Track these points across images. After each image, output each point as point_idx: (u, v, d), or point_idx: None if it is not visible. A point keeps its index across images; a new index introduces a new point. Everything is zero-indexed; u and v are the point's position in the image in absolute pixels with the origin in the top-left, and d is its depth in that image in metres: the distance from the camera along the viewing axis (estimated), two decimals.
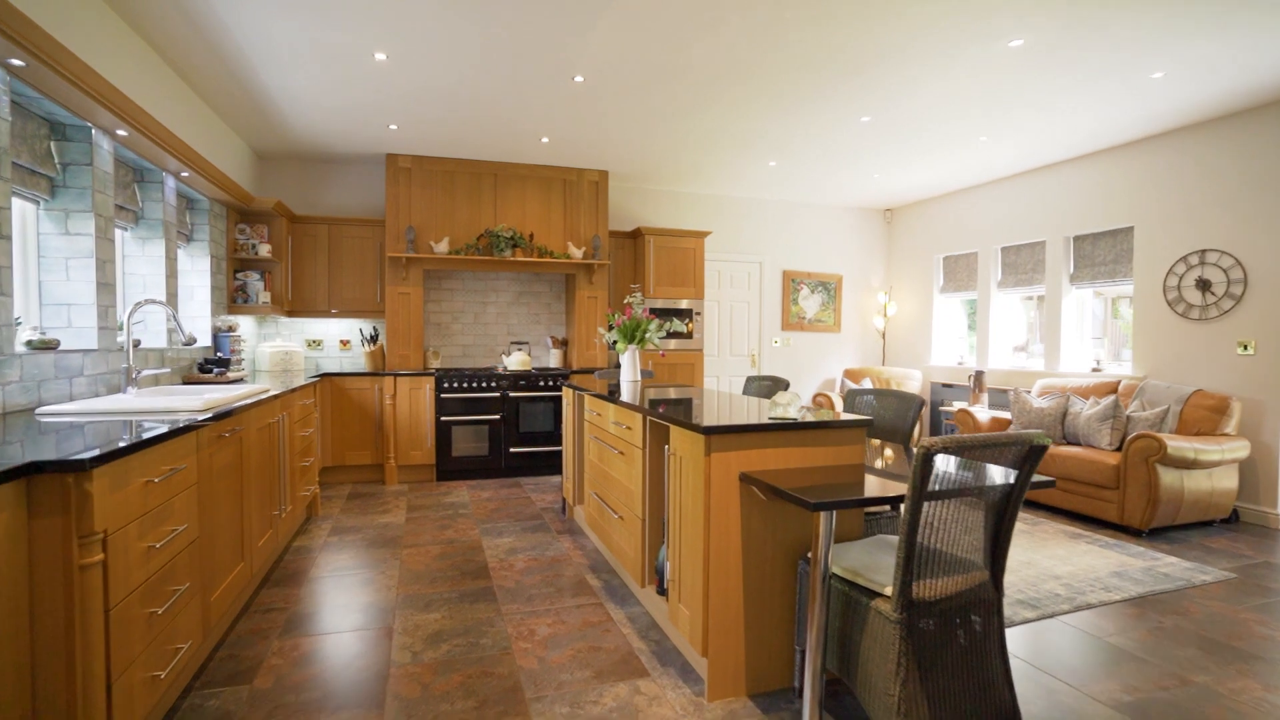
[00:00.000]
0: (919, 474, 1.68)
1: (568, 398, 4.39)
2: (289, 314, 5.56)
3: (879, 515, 2.73)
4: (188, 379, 4.01)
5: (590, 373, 5.88)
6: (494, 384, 5.62)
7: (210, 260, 4.64)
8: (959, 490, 1.78)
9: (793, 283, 7.51)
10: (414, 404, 5.48)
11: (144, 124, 3.19)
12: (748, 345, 7.40)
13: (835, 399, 6.83)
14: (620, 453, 3.14)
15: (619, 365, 5.81)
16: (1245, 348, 4.41)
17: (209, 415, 2.38)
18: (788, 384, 3.69)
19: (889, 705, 1.77)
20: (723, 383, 7.30)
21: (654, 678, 2.36)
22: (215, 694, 2.22)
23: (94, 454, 1.54)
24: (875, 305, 7.89)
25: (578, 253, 5.91)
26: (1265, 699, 2.24)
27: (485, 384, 5.60)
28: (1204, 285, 4.64)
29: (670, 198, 7.06)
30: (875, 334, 7.91)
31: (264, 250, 5.20)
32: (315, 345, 5.97)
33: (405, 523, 4.31)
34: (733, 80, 4.06)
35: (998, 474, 1.85)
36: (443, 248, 5.55)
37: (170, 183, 3.96)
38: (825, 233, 7.68)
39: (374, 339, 5.79)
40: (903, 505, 1.75)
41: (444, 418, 5.51)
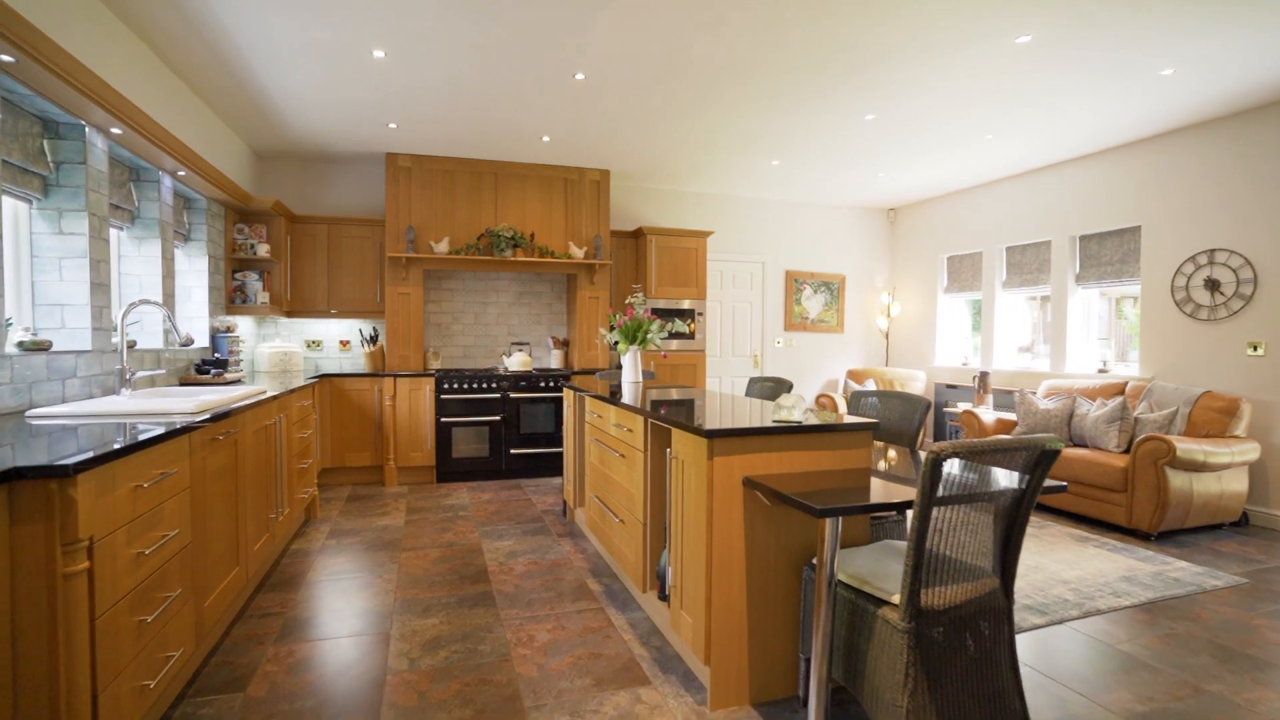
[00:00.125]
0: (928, 479, 1.63)
1: (568, 399, 4.34)
2: (288, 314, 5.53)
3: (885, 520, 2.68)
4: (184, 380, 3.97)
5: (592, 374, 5.84)
6: (494, 385, 5.57)
7: (208, 260, 4.60)
8: (969, 496, 1.73)
9: (795, 283, 7.46)
10: (414, 405, 5.44)
11: (139, 122, 3.15)
12: (750, 346, 7.35)
13: (838, 400, 6.77)
14: (621, 455, 3.09)
15: (620, 366, 5.76)
16: (1255, 348, 4.35)
17: (202, 418, 2.34)
18: (791, 385, 3.63)
19: (897, 716, 1.72)
20: (725, 384, 7.24)
21: (655, 686, 2.31)
22: (208, 702, 2.18)
23: (79, 459, 1.49)
24: (879, 305, 7.84)
25: (579, 252, 5.87)
26: None
27: (486, 385, 5.56)
28: (1213, 285, 4.58)
29: (672, 197, 7.01)
30: (879, 334, 7.85)
31: (263, 250, 5.16)
32: (315, 346, 5.93)
33: (404, 525, 4.26)
34: (735, 78, 4.01)
35: (1008, 479, 1.80)
36: (443, 248, 5.51)
37: (167, 182, 3.93)
38: (828, 232, 7.63)
39: (374, 339, 5.75)
40: (911, 511, 1.71)
41: (444, 419, 5.47)
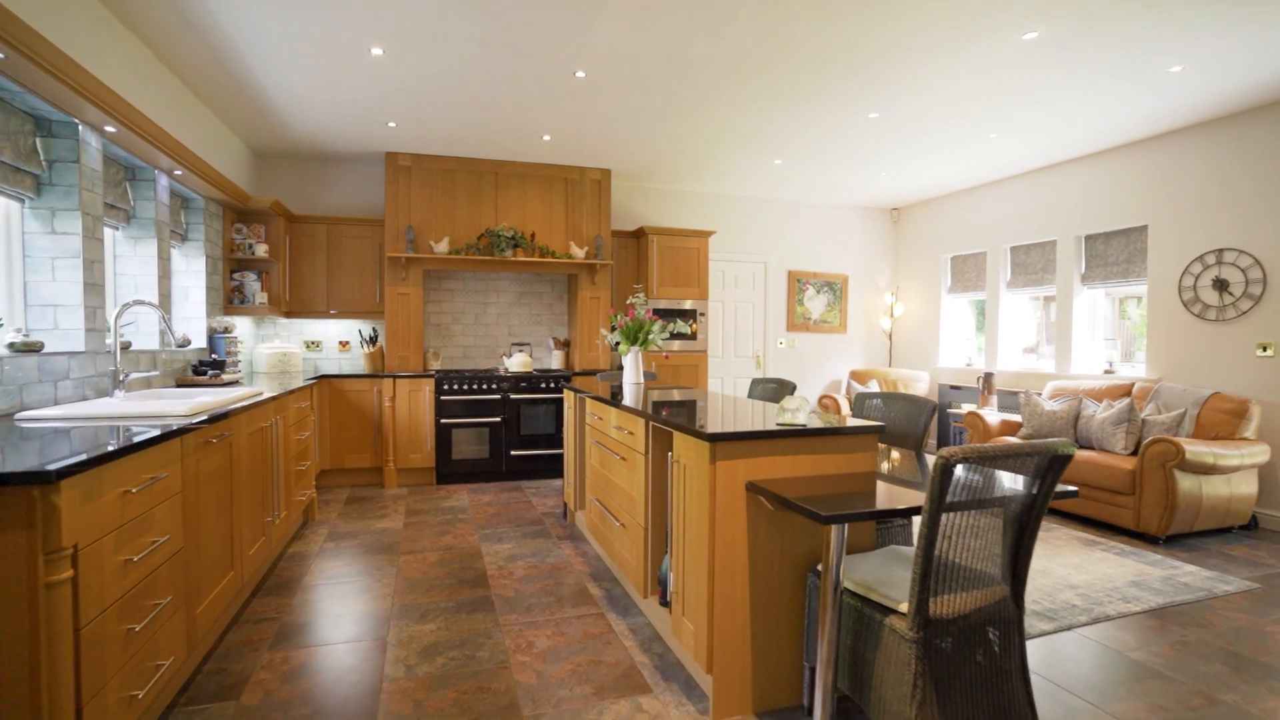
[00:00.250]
0: (938, 485, 1.59)
1: (569, 400, 4.29)
2: (287, 315, 5.48)
3: (890, 524, 2.63)
4: (181, 381, 3.93)
5: (593, 374, 5.79)
6: (495, 386, 5.53)
7: (206, 260, 4.56)
8: (979, 502, 1.69)
9: (798, 283, 7.41)
10: (414, 406, 5.40)
11: (134, 121, 3.11)
12: (752, 346, 7.30)
13: (841, 401, 6.72)
14: (622, 458, 3.05)
15: (622, 367, 5.71)
16: (1265, 349, 4.29)
17: (195, 420, 2.29)
18: (794, 387, 3.58)
19: None
20: (727, 385, 7.19)
21: (656, 694, 2.27)
22: (200, 711, 2.14)
23: (63, 464, 1.45)
24: (882, 306, 7.78)
25: (580, 252, 5.82)
26: None
27: (486, 386, 5.51)
28: (1221, 285, 4.52)
29: (674, 197, 6.96)
30: (882, 335, 7.80)
31: (261, 250, 5.12)
32: (314, 347, 5.89)
33: (403, 528, 4.22)
34: (737, 76, 3.96)
35: (1019, 484, 1.75)
36: (443, 247, 5.46)
37: (163, 181, 3.89)
38: (831, 232, 7.57)
39: (373, 340, 5.71)
40: (919, 518, 1.66)
41: (444, 420, 5.42)
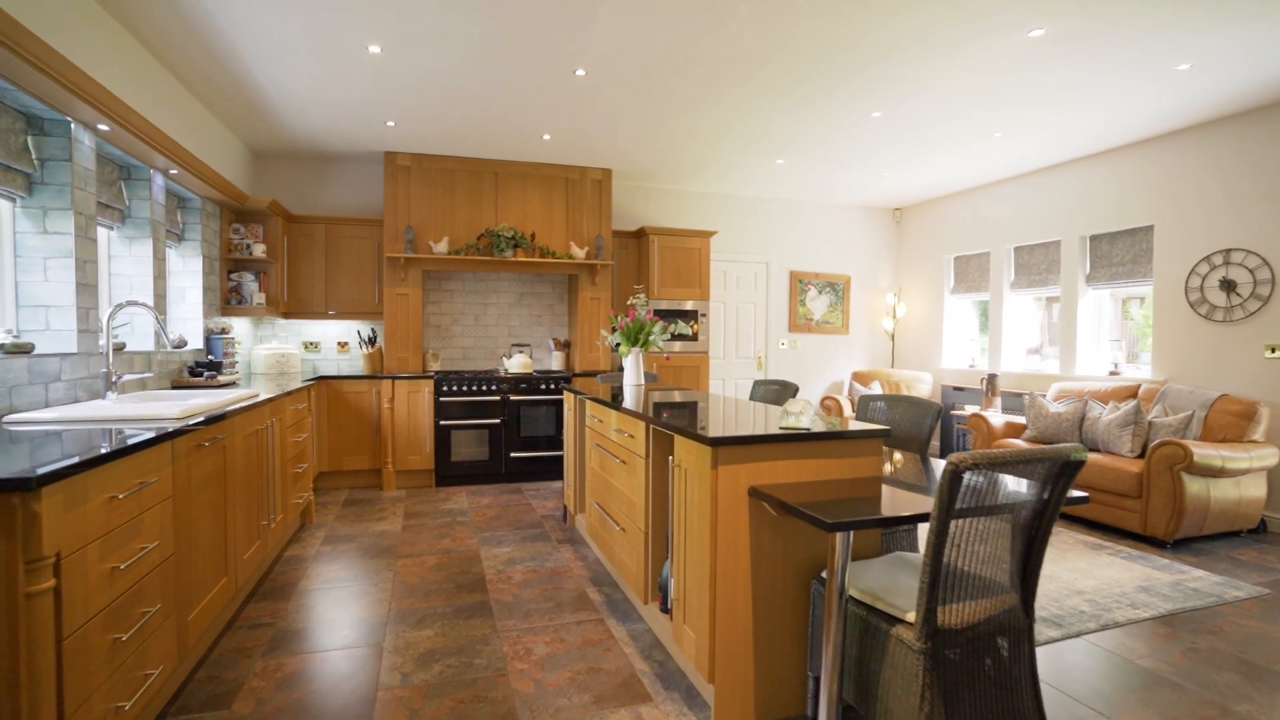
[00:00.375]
0: (946, 493, 1.54)
1: (569, 402, 4.25)
2: (285, 316, 5.44)
3: (895, 530, 2.58)
4: (176, 383, 3.89)
5: (593, 376, 5.74)
6: (494, 387, 5.48)
7: (203, 261, 4.52)
8: (988, 508, 1.64)
9: (800, 283, 7.36)
10: (412, 407, 5.36)
11: (127, 119, 3.07)
12: (754, 347, 7.25)
13: (843, 402, 6.67)
14: (622, 461, 3.00)
15: (623, 368, 5.66)
16: (1274, 351, 4.23)
17: (192, 422, 2.25)
18: (797, 389, 3.54)
19: None
20: (728, 386, 7.14)
21: (657, 703, 2.22)
22: None
23: (45, 470, 1.40)
24: (884, 306, 7.73)
25: (580, 253, 5.77)
26: None
27: (485, 387, 5.47)
28: (1229, 286, 4.47)
29: (675, 196, 6.91)
30: (884, 336, 7.74)
31: (259, 250, 5.08)
32: (312, 348, 5.85)
33: (401, 531, 4.18)
34: (740, 74, 3.91)
35: (1030, 490, 1.70)
36: (442, 248, 5.42)
37: (159, 180, 3.84)
38: (833, 232, 7.52)
39: (372, 341, 5.67)
40: (927, 525, 1.61)
41: (443, 422, 5.38)
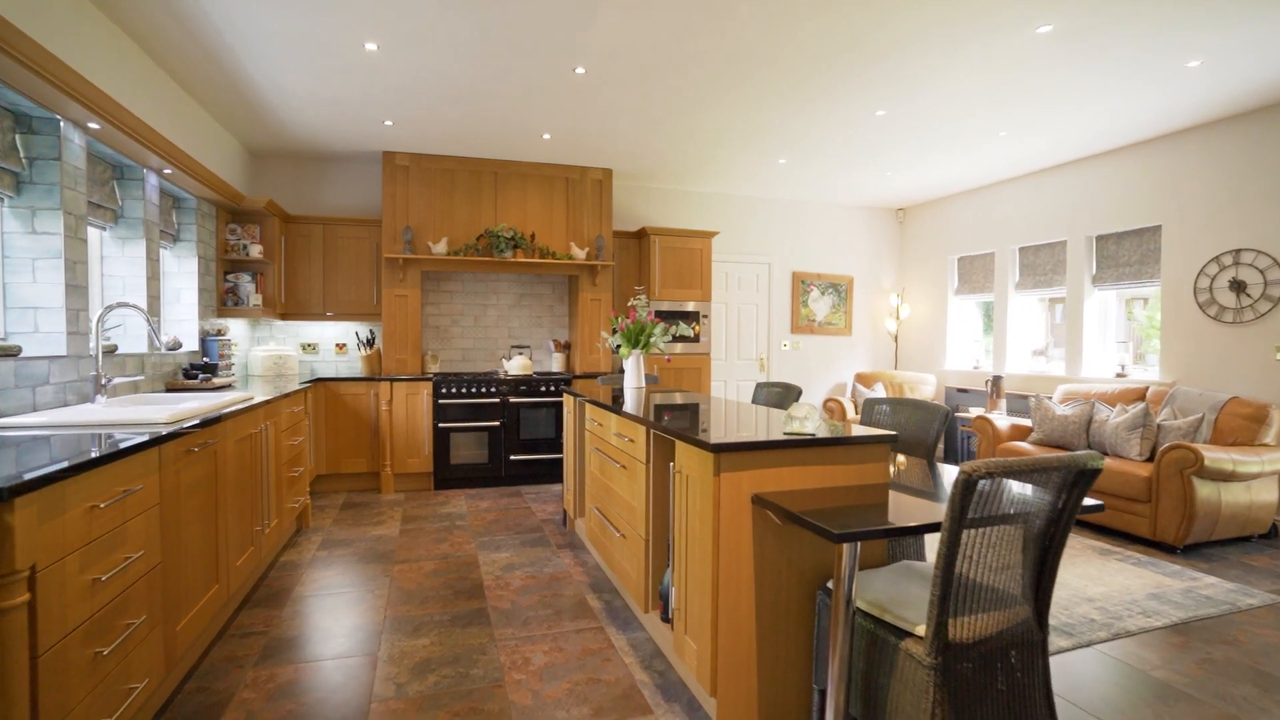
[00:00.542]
0: (959, 502, 1.48)
1: (568, 405, 4.19)
2: (282, 317, 5.39)
3: (902, 537, 2.52)
4: (170, 386, 3.84)
5: (594, 377, 5.68)
6: (494, 389, 5.43)
7: (198, 261, 4.46)
8: (1002, 518, 1.58)
9: (802, 284, 7.29)
10: (411, 410, 5.30)
11: (119, 118, 3.02)
12: (756, 349, 7.19)
13: (846, 404, 6.60)
14: (623, 466, 2.94)
15: (623, 370, 5.60)
16: None
17: (187, 425, 2.19)
18: (800, 392, 3.47)
19: None
20: (730, 388, 7.08)
21: (657, 716, 2.16)
22: None
23: (17, 480, 1.35)
24: (887, 307, 7.66)
25: (581, 253, 5.72)
26: None
27: (485, 389, 5.41)
28: (1239, 287, 4.40)
29: (676, 197, 6.85)
30: (887, 337, 7.68)
31: (255, 251, 5.03)
32: (310, 349, 5.80)
33: (399, 535, 4.12)
34: (741, 73, 3.85)
35: (1044, 499, 1.64)
36: (441, 248, 5.36)
37: (152, 180, 3.79)
38: (836, 233, 7.46)
39: (370, 343, 5.61)
40: (939, 535, 1.55)
41: (442, 424, 5.32)
